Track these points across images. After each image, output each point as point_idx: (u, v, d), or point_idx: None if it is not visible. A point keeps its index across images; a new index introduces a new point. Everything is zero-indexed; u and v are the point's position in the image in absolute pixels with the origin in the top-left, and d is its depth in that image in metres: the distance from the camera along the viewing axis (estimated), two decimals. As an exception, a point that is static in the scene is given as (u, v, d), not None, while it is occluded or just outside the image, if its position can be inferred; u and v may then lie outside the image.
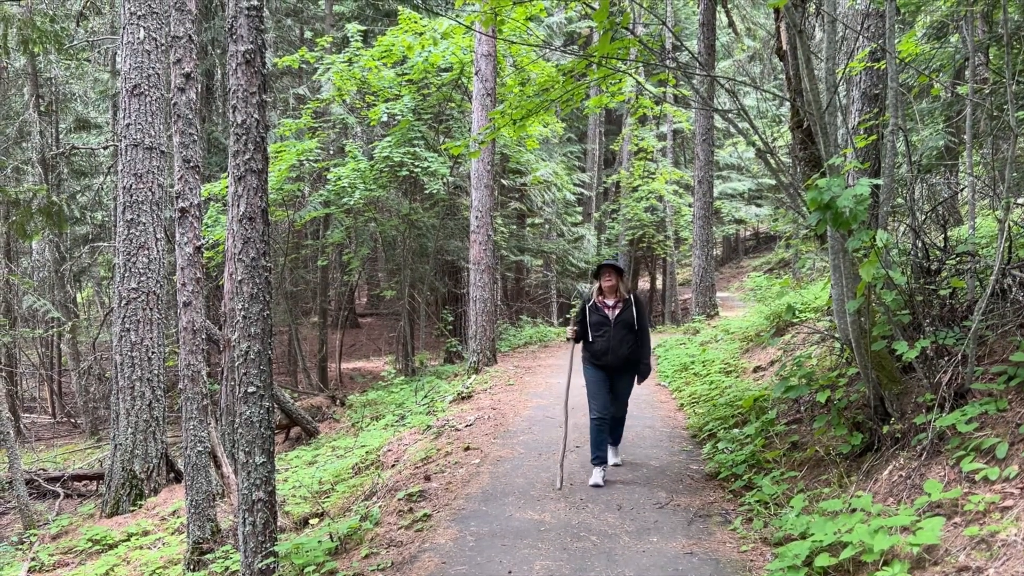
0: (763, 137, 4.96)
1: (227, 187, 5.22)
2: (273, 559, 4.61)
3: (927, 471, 3.92)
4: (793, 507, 4.41)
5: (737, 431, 6.49)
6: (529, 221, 23.30)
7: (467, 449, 6.99)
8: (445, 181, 15.51)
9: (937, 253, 5.33)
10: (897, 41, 6.12)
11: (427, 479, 6.17)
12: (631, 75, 6.08)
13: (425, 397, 11.72)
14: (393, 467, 7.31)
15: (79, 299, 24.40)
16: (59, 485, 12.16)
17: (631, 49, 5.35)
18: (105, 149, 18.77)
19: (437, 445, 7.38)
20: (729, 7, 19.98)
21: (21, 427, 17.67)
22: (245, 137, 4.61)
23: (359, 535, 5.10)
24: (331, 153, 18.37)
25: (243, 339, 4.61)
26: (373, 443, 9.17)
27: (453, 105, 15.94)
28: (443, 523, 5.03)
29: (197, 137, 6.84)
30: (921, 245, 5.32)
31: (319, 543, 4.83)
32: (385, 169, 14.92)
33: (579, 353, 6.13)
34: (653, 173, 23.63)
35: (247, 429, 4.61)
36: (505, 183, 19.15)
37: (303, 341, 21.11)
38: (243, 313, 4.61)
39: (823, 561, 3.54)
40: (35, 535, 9.63)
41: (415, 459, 7.09)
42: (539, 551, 4.46)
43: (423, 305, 18.20)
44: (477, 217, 12.47)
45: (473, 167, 12.68)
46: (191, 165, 6.76)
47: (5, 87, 19.31)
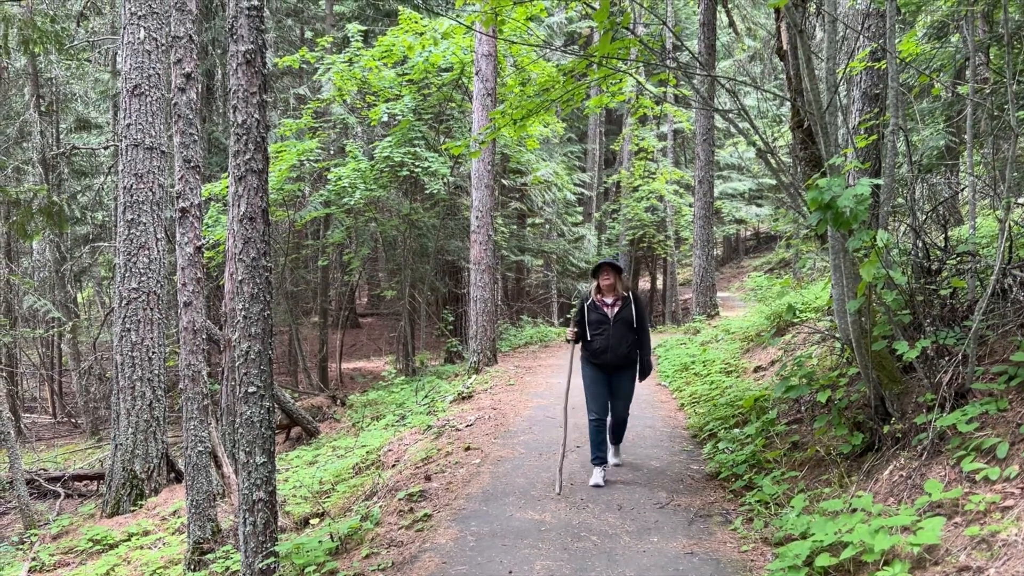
0: (764, 137, 4.96)
1: (227, 187, 5.22)
2: (274, 559, 4.61)
3: (928, 471, 3.92)
4: (794, 507, 4.40)
5: (738, 431, 6.49)
6: (530, 221, 23.30)
7: (468, 449, 6.99)
8: (446, 181, 15.51)
9: (938, 253, 5.33)
10: (898, 41, 6.12)
11: (428, 479, 6.17)
12: (631, 75, 6.08)
13: (426, 397, 11.72)
14: (394, 467, 7.31)
15: (80, 299, 24.41)
16: (60, 485, 12.17)
17: (631, 49, 5.35)
18: (106, 149, 18.78)
19: (438, 445, 7.38)
20: (730, 7, 19.98)
21: (22, 427, 17.69)
22: (246, 137, 4.61)
23: (360, 535, 5.10)
24: (332, 153, 18.38)
25: (244, 339, 4.61)
26: (374, 443, 9.17)
27: (454, 105, 15.94)
28: (444, 523, 5.03)
29: (198, 137, 6.84)
30: (922, 245, 5.32)
31: (320, 543, 4.84)
32: (386, 169, 14.93)
33: (578, 353, 6.06)
34: (654, 173, 23.64)
35: (248, 429, 4.61)
36: (506, 183, 19.15)
37: (304, 341, 21.11)
38: (244, 313, 4.61)
39: (824, 561, 3.54)
40: (36, 535, 9.64)
41: (416, 459, 7.09)
42: (540, 551, 4.46)
43: (423, 305, 18.20)
44: (477, 217, 12.48)
45: (473, 167, 12.69)
46: (192, 165, 6.77)
47: (6, 87, 19.32)
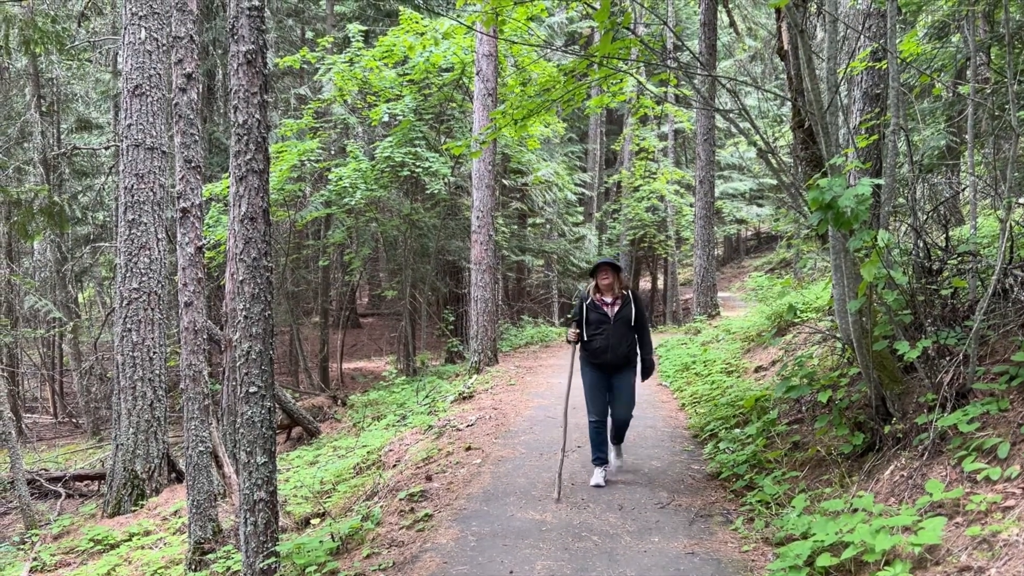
0: (764, 137, 4.95)
1: (228, 187, 5.22)
2: (275, 559, 4.62)
3: (929, 471, 3.92)
4: (795, 507, 4.40)
5: (738, 431, 6.49)
6: (530, 221, 23.30)
7: (468, 449, 6.99)
8: (446, 181, 15.51)
9: (939, 253, 5.33)
10: (898, 41, 6.12)
11: (428, 479, 6.17)
12: (632, 75, 6.08)
13: (426, 397, 11.72)
14: (394, 467, 7.31)
15: (80, 299, 24.42)
16: (61, 485, 12.18)
17: (632, 49, 5.35)
18: (107, 149, 18.79)
19: (438, 445, 7.38)
20: (730, 7, 19.98)
21: (23, 427, 17.70)
22: (246, 137, 4.61)
23: (361, 535, 5.10)
24: (332, 153, 18.38)
25: (244, 339, 4.61)
26: (374, 443, 9.17)
27: (454, 105, 15.94)
28: (444, 523, 5.03)
29: (198, 137, 6.85)
30: (923, 245, 5.32)
31: (320, 543, 4.84)
32: (386, 169, 14.93)
33: (579, 354, 5.98)
34: (654, 173, 23.64)
35: (248, 429, 4.61)
36: (506, 183, 19.15)
37: (304, 341, 21.12)
38: (244, 313, 4.61)
39: (825, 561, 3.54)
40: (37, 535, 9.64)
41: (416, 459, 7.09)
42: (540, 551, 4.46)
43: (424, 305, 18.20)
44: (478, 217, 12.48)
45: (474, 167, 12.69)
46: (192, 165, 6.77)
47: (7, 88, 19.33)
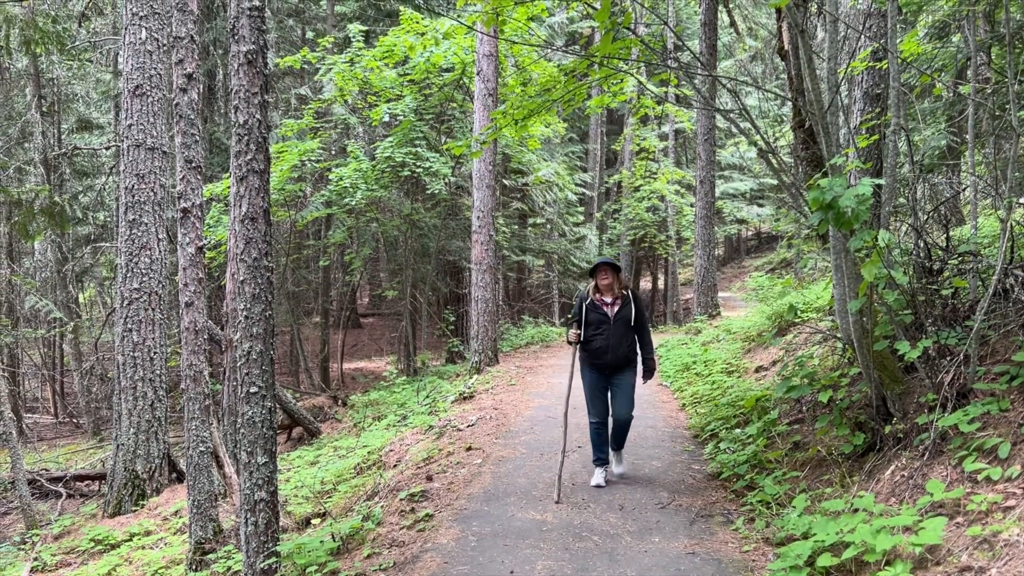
0: (765, 137, 4.95)
1: (229, 187, 5.22)
2: (275, 559, 4.62)
3: (929, 471, 3.92)
4: (795, 507, 4.40)
5: (739, 431, 6.48)
6: (531, 221, 23.30)
7: (469, 449, 6.99)
8: (447, 181, 15.51)
9: (939, 253, 5.32)
10: (899, 41, 6.12)
11: (429, 479, 6.17)
12: (633, 75, 6.08)
13: (427, 397, 11.73)
14: (395, 467, 7.31)
15: (81, 299, 24.43)
16: (61, 485, 12.18)
17: (633, 49, 5.35)
18: (107, 150, 18.80)
19: (439, 445, 7.38)
20: (731, 7, 19.98)
21: (23, 427, 17.70)
22: (247, 137, 4.62)
23: (361, 535, 5.10)
24: (333, 153, 18.39)
25: (245, 339, 4.61)
26: (375, 443, 9.18)
27: (455, 105, 15.94)
28: (445, 523, 5.03)
29: (199, 137, 6.85)
30: (923, 245, 5.32)
31: (321, 543, 4.84)
32: (387, 169, 14.93)
33: (578, 354, 5.92)
34: (655, 173, 23.64)
35: (249, 429, 4.61)
36: (507, 183, 19.15)
37: (305, 341, 21.13)
38: (245, 313, 4.61)
39: (825, 561, 3.54)
40: (37, 535, 9.65)
41: (417, 459, 7.09)
42: (541, 551, 4.46)
43: (425, 305, 18.21)
44: (479, 217, 12.48)
45: (475, 167, 12.69)
46: (193, 165, 6.78)
47: (8, 88, 19.34)
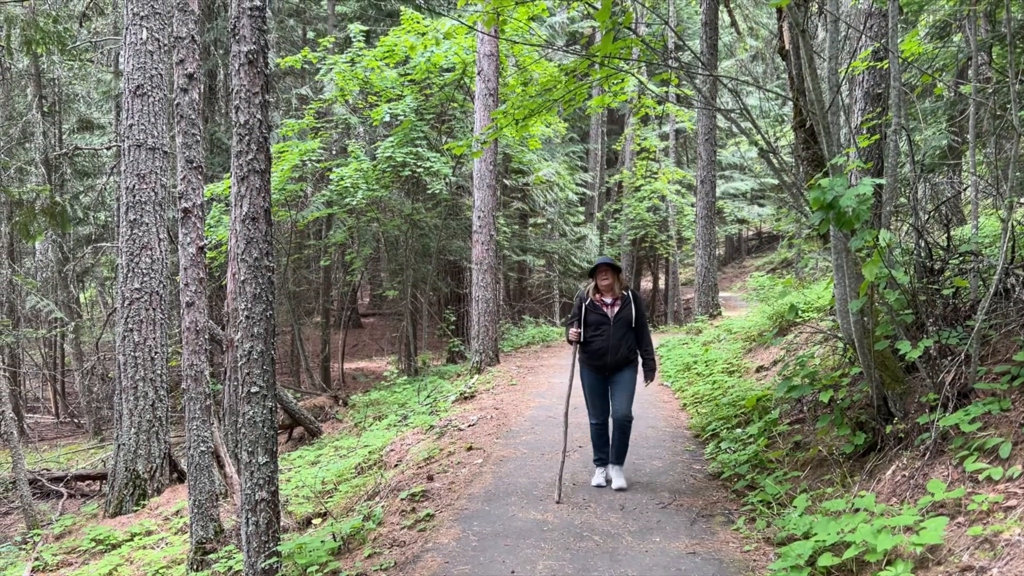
0: (766, 137, 4.95)
1: (230, 187, 5.22)
2: (276, 559, 4.62)
3: (930, 471, 3.92)
4: (796, 507, 4.40)
5: (740, 431, 6.48)
6: (532, 221, 23.30)
7: (470, 449, 7.00)
8: (448, 181, 15.52)
9: (940, 253, 5.32)
10: (900, 40, 6.11)
11: (430, 479, 6.17)
12: (633, 75, 6.08)
13: (428, 397, 11.73)
14: (396, 467, 7.32)
15: (82, 299, 24.45)
16: (62, 485, 12.19)
17: (633, 49, 5.35)
18: (108, 150, 18.80)
19: (440, 445, 7.38)
20: (732, 6, 19.97)
21: (25, 427, 17.72)
22: (248, 137, 4.62)
23: (362, 535, 5.10)
24: (334, 153, 18.39)
25: (246, 339, 4.61)
26: (376, 443, 9.18)
27: (456, 105, 15.94)
28: (446, 523, 5.03)
29: (200, 137, 6.86)
30: (924, 245, 5.31)
31: (322, 543, 4.84)
32: (388, 169, 14.93)
33: (578, 356, 5.85)
34: (655, 173, 23.63)
35: (250, 429, 4.61)
36: (507, 183, 19.15)
37: (306, 341, 21.12)
38: (246, 313, 4.61)
39: (826, 561, 3.54)
40: (39, 535, 9.65)
41: (418, 459, 7.10)
42: (542, 551, 4.46)
43: (425, 305, 18.21)
44: (479, 217, 12.48)
45: (475, 167, 12.69)
46: (194, 165, 6.78)
47: (9, 88, 19.35)
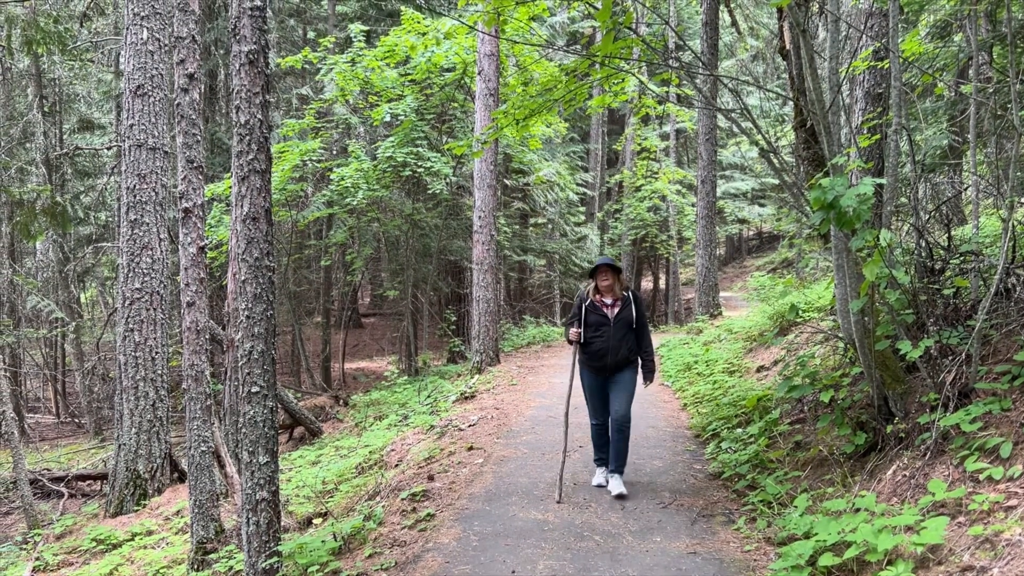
0: (766, 136, 4.95)
1: (231, 187, 5.22)
2: (277, 559, 4.62)
3: (931, 471, 3.92)
4: (797, 507, 4.40)
5: (740, 431, 6.48)
6: (532, 221, 23.29)
7: (470, 449, 7.00)
8: (448, 181, 15.52)
9: (941, 252, 5.32)
10: (900, 40, 6.11)
11: (430, 479, 6.17)
12: (634, 75, 6.08)
13: (428, 397, 11.73)
14: (396, 467, 7.32)
15: (83, 299, 24.46)
16: (63, 485, 12.19)
17: (634, 49, 5.35)
18: (109, 150, 18.81)
19: (440, 445, 7.38)
20: (732, 6, 19.97)
21: (25, 427, 17.72)
22: (248, 137, 4.62)
23: (363, 535, 5.10)
24: (334, 153, 18.39)
25: (247, 339, 4.62)
26: (376, 443, 9.18)
27: (456, 105, 15.94)
28: (447, 523, 5.03)
29: (200, 137, 6.86)
30: (925, 244, 5.31)
31: (323, 543, 4.84)
32: (388, 169, 14.93)
33: (578, 357, 5.81)
34: (656, 173, 23.63)
35: (251, 429, 4.62)
36: (508, 183, 19.14)
37: (306, 341, 21.12)
38: (247, 313, 4.61)
39: (827, 561, 3.54)
40: (39, 535, 9.65)
41: (418, 459, 7.10)
42: (543, 551, 4.46)
43: (426, 305, 18.21)
44: (480, 217, 12.48)
45: (476, 167, 12.69)
46: (194, 165, 6.78)
47: (9, 88, 19.36)
